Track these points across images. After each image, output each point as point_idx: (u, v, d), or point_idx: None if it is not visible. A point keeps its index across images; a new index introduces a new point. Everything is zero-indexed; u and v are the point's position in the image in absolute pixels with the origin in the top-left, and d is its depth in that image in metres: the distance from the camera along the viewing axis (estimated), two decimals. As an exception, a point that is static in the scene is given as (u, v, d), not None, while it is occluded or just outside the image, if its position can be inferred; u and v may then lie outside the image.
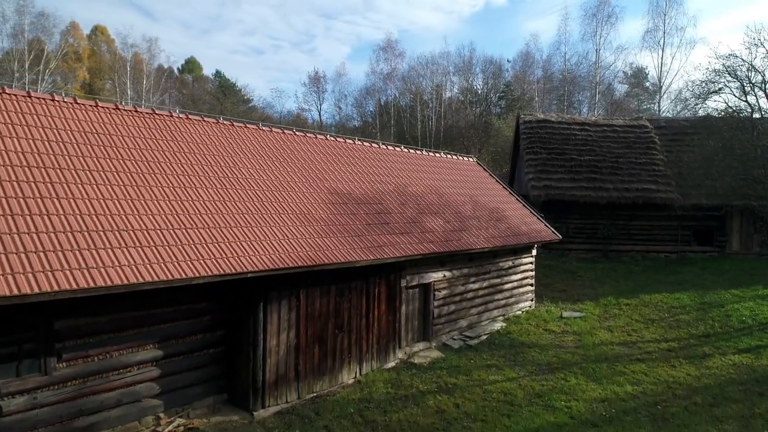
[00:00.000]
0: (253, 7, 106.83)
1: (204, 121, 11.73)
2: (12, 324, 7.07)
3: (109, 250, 7.42)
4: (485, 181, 19.51)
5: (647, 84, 54.39)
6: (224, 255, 8.54)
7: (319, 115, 68.87)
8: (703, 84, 21.89)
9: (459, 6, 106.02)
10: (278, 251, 9.30)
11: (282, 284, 9.51)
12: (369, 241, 11.22)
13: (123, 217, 8.15)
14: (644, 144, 27.58)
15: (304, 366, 10.05)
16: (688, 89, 38.69)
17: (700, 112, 25.30)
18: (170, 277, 7.53)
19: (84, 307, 7.59)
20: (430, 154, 19.03)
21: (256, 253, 8.99)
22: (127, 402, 8.27)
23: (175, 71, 70.41)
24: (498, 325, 15.74)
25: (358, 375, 11.20)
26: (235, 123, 12.48)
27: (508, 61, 65.02)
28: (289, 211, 10.63)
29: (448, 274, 14.07)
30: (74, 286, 6.62)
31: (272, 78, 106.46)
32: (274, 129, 13.26)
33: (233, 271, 8.30)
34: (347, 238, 10.84)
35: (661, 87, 47.99)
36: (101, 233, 7.62)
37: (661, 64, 48.10)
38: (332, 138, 14.95)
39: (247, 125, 12.71)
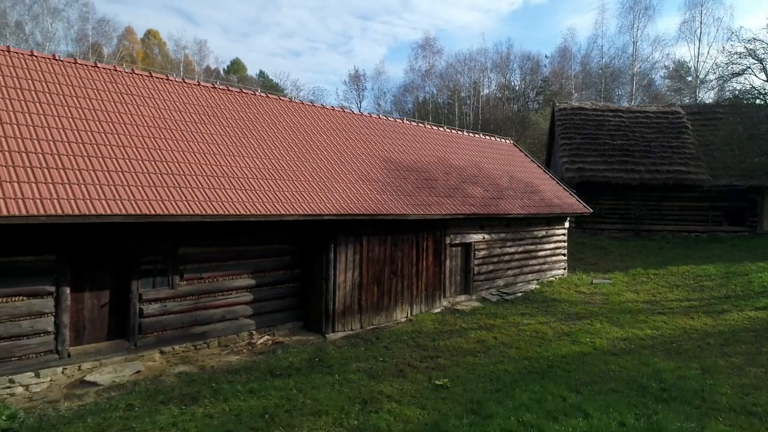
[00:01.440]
0: (293, 9, 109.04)
1: (280, 99, 13.60)
2: (150, 248, 9.01)
3: (224, 191, 9.30)
4: (521, 160, 20.79)
5: (689, 78, 53.89)
6: (306, 201, 10.31)
7: (359, 112, 70.65)
8: (726, 66, 22.51)
9: (497, 4, 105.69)
10: (346, 202, 11.03)
11: (348, 231, 11.23)
12: (418, 200, 12.83)
13: (230, 168, 10.00)
14: (676, 129, 28.15)
15: (366, 301, 11.75)
16: (712, 71, 38.63)
17: (726, 94, 25.77)
18: (269, 212, 9.34)
19: (201, 238, 9.49)
20: (470, 134, 20.45)
21: (330, 201, 10.73)
22: (229, 318, 10.15)
23: (221, 72, 73.75)
24: (532, 286, 17.11)
25: (409, 315, 12.83)
26: (304, 102, 14.31)
27: (546, 56, 64.84)
28: (353, 173, 12.34)
29: (486, 236, 15.53)
30: (204, 211, 8.50)
31: (310, 80, 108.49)
32: (336, 108, 15.04)
33: (314, 212, 10.06)
34: (400, 197, 12.47)
35: (698, 77, 47.59)
36: (216, 178, 9.51)
37: (698, 54, 47.81)
38: (384, 117, 16.62)
39: (315, 104, 14.52)
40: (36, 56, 9.52)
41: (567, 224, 19.71)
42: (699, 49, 47.78)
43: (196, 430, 6.67)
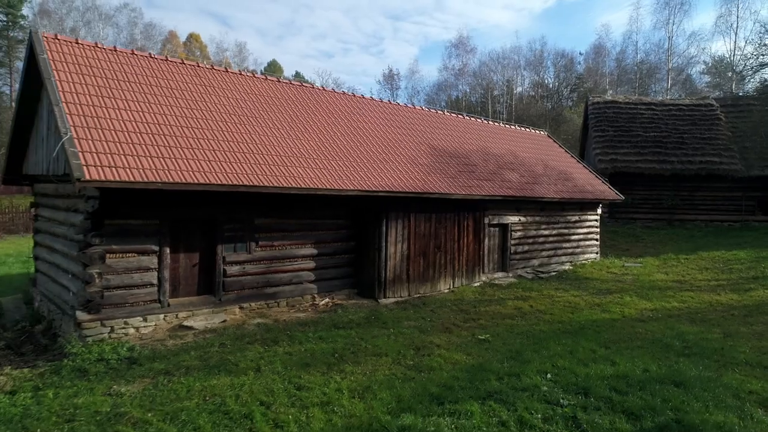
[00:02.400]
0: (326, 12, 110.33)
1: (335, 92, 14.75)
2: (231, 218, 10.26)
3: (294, 168, 10.48)
4: (555, 150, 21.40)
5: (729, 73, 52.70)
6: (362, 179, 11.41)
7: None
8: (755, 57, 22.50)
9: (530, 3, 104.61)
10: (397, 181, 12.07)
11: (398, 207, 12.27)
12: (460, 182, 13.76)
13: (297, 149, 11.18)
14: (709, 120, 28.11)
15: (413, 272, 12.78)
16: (741, 62, 37.88)
17: (754, 85, 25.64)
18: (332, 187, 10.47)
19: (272, 210, 10.69)
20: (506, 125, 21.20)
21: (382, 180, 11.80)
22: (295, 282, 11.34)
23: (259, 74, 75.73)
24: (565, 267, 17.80)
25: (451, 286, 13.80)
26: (356, 95, 15.43)
27: (580, 53, 64.17)
28: (402, 157, 13.38)
29: (522, 218, 16.33)
30: (280, 184, 9.70)
31: (341, 81, 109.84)
32: (385, 101, 16.10)
33: (369, 188, 11.14)
34: (444, 179, 13.43)
35: (734, 71, 46.65)
36: (287, 158, 10.69)
37: (734, 48, 46.79)
38: (428, 109, 17.59)
39: (365, 96, 15.62)
40: (136, 54, 10.90)
41: (599, 211, 20.25)
42: (735, 43, 46.84)
43: (280, 362, 7.84)
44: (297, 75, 73.20)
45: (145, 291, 9.14)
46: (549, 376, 7.55)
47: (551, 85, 61.81)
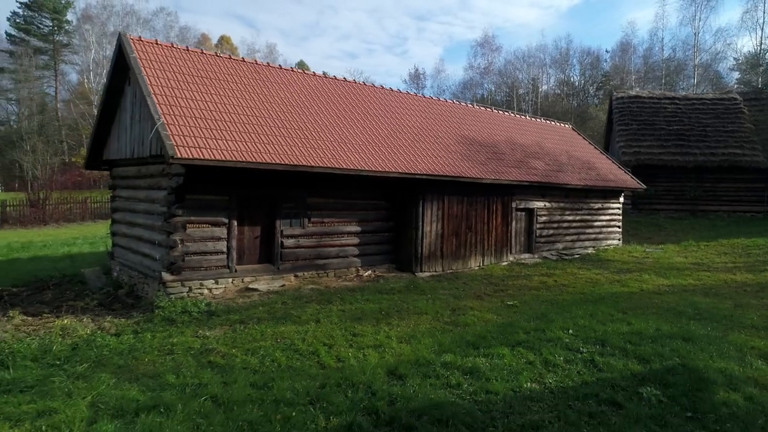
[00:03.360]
0: (351, 12, 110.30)
1: (374, 86, 15.76)
2: (288, 196, 11.36)
3: (342, 152, 11.52)
4: (579, 142, 21.97)
5: (760, 68, 51.56)
6: (401, 163, 12.39)
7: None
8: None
9: (557, 1, 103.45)
10: (432, 165, 13.01)
11: (433, 190, 13.21)
12: (489, 168, 14.61)
13: (344, 136, 12.21)
14: (732, 114, 28.12)
15: (446, 249, 13.71)
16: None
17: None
18: (376, 169, 11.49)
19: (323, 190, 11.78)
20: (532, 118, 21.87)
21: (419, 164, 12.76)
22: (341, 256, 12.41)
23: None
24: (588, 251, 18.45)
25: (481, 264, 14.68)
26: (393, 90, 16.42)
27: (606, 51, 63.36)
28: (436, 145, 14.30)
29: (547, 204, 17.06)
30: (333, 165, 10.76)
31: (372, 80, 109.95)
32: (419, 95, 17.05)
33: (409, 171, 12.11)
34: (475, 165, 14.31)
35: (760, 65, 45.86)
36: (336, 143, 11.74)
37: (761, 44, 45.99)
38: (459, 102, 18.45)
39: (402, 91, 16.60)
40: (205, 53, 12.11)
41: (621, 199, 20.76)
42: (762, 38, 45.98)
43: (335, 316, 8.91)
44: (324, 75, 74.41)
45: (217, 258, 10.32)
46: (570, 331, 8.41)
47: (577, 83, 61.32)
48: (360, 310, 9.43)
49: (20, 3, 55.34)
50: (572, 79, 61.38)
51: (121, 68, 11.20)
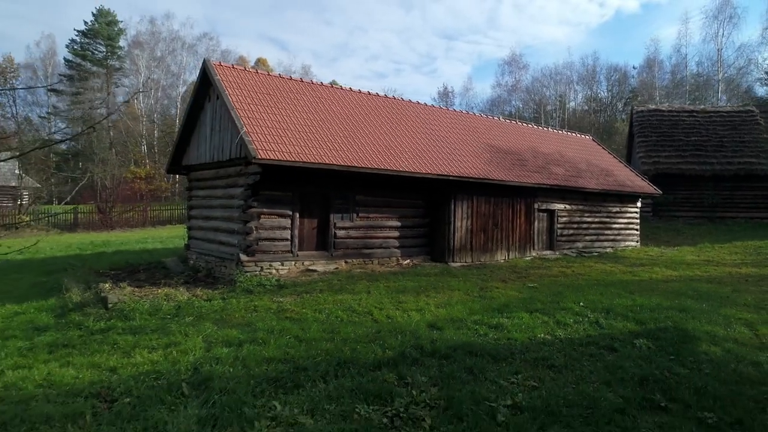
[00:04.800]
0: (379, 33, 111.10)
1: (411, 102, 17.32)
2: (339, 194, 12.94)
3: (386, 156, 13.05)
4: (599, 151, 22.95)
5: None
6: (437, 166, 13.84)
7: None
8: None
9: (587, 17, 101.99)
10: (463, 169, 14.40)
11: (463, 190, 14.58)
12: (514, 173, 15.88)
13: (388, 144, 13.75)
14: (749, 125, 28.49)
15: (475, 243, 15.01)
16: None
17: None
18: (416, 171, 12.96)
19: (368, 189, 13.31)
20: (553, 130, 23.00)
21: (452, 168, 14.18)
22: (384, 246, 13.88)
23: (339, 91, 79.66)
24: (607, 250, 19.38)
25: (506, 258, 15.90)
26: (428, 105, 17.94)
27: (633, 67, 62.36)
28: (465, 152, 15.70)
29: (567, 206, 18.16)
30: (379, 166, 12.28)
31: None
32: (450, 110, 18.51)
33: (443, 173, 13.55)
34: (500, 169, 15.61)
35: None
36: (382, 149, 13.28)
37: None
38: (486, 116, 19.81)
39: (435, 106, 18.10)
40: (270, 75, 13.93)
41: (639, 204, 21.58)
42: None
43: (383, 289, 10.35)
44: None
45: (282, 244, 11.94)
46: (581, 303, 9.60)
47: (604, 99, 60.90)
48: (403, 286, 10.86)
49: (78, 31, 59.57)
50: (600, 95, 61.12)
51: (203, 88, 13.06)
